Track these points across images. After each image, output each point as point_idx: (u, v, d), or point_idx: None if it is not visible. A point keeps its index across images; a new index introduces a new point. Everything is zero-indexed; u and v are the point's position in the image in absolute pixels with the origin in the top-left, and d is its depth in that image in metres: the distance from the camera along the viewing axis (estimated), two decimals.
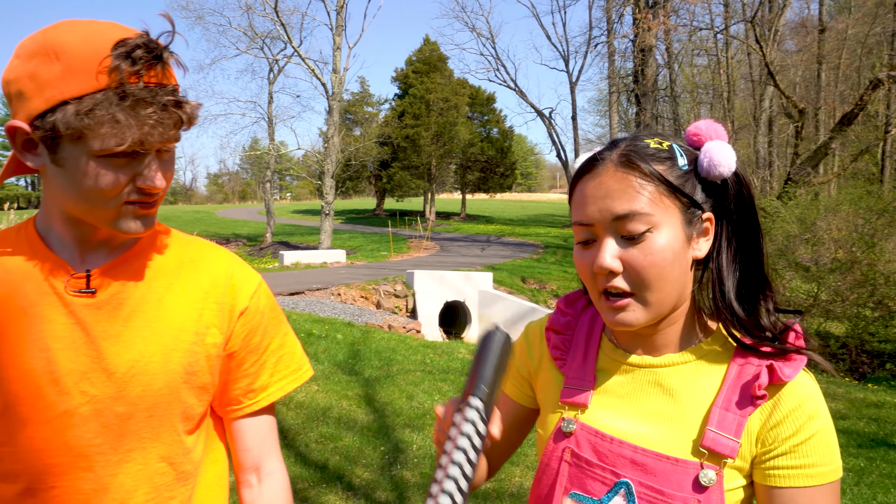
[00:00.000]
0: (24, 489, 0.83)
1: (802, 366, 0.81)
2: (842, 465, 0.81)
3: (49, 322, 0.84)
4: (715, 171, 0.81)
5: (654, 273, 0.80)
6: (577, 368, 0.94)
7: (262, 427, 1.00)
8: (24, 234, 0.88)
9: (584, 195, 0.83)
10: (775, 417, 0.80)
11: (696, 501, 0.79)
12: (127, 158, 0.80)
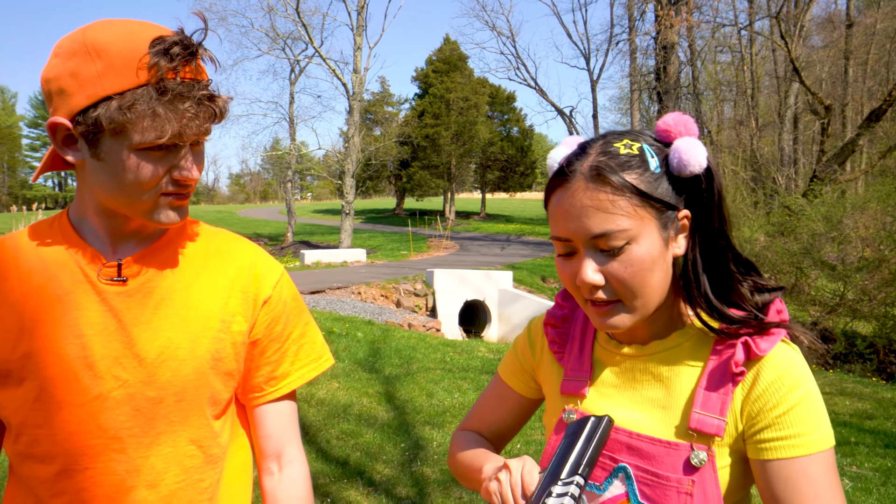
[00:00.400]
0: (60, 470, 0.85)
1: (779, 339, 0.83)
2: (832, 436, 0.81)
3: (83, 309, 0.86)
4: (685, 170, 0.82)
5: (636, 282, 0.82)
6: (575, 360, 0.97)
7: (284, 414, 1.02)
8: (58, 225, 0.91)
9: (559, 211, 0.84)
10: (756, 391, 0.82)
11: (691, 482, 0.81)
12: (164, 151, 0.82)
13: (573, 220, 0.82)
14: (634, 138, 0.85)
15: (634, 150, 0.83)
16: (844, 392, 5.89)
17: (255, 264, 0.99)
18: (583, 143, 0.87)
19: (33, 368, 0.84)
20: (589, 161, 0.82)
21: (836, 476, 0.80)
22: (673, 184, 0.83)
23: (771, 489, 0.80)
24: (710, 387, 0.84)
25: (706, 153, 0.82)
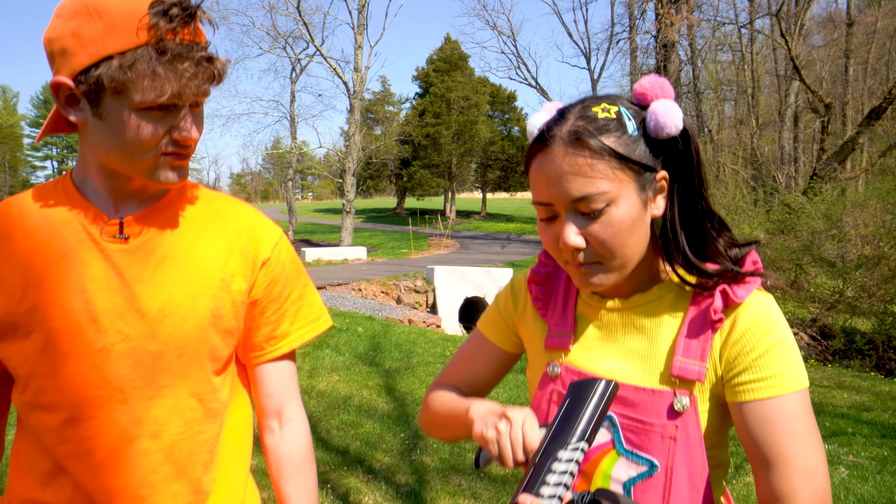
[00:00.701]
0: (66, 419, 0.88)
1: (755, 287, 0.86)
2: (806, 378, 0.83)
3: (87, 266, 0.89)
4: (662, 132, 0.84)
5: (616, 243, 0.84)
6: (559, 316, 0.99)
7: (284, 373, 1.05)
8: (62, 186, 0.94)
9: (540, 176, 0.86)
10: (733, 337, 0.85)
11: (675, 427, 0.85)
12: (163, 112, 0.85)
13: (554, 184, 0.84)
14: (612, 102, 0.86)
15: (612, 114, 0.84)
16: (842, 385, 5.91)
17: (255, 227, 1.01)
18: (562, 109, 0.89)
19: (39, 321, 0.87)
20: (567, 126, 0.84)
21: (810, 415, 0.82)
22: (650, 146, 0.85)
23: (749, 430, 0.83)
24: (690, 335, 0.87)
25: (682, 115, 0.84)
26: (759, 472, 0.83)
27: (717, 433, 0.89)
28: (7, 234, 0.90)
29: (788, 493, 0.79)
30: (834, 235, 10.44)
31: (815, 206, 11.34)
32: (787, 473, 0.80)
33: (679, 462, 0.86)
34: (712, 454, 0.90)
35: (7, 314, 0.87)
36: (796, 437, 0.80)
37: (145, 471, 0.90)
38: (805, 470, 0.79)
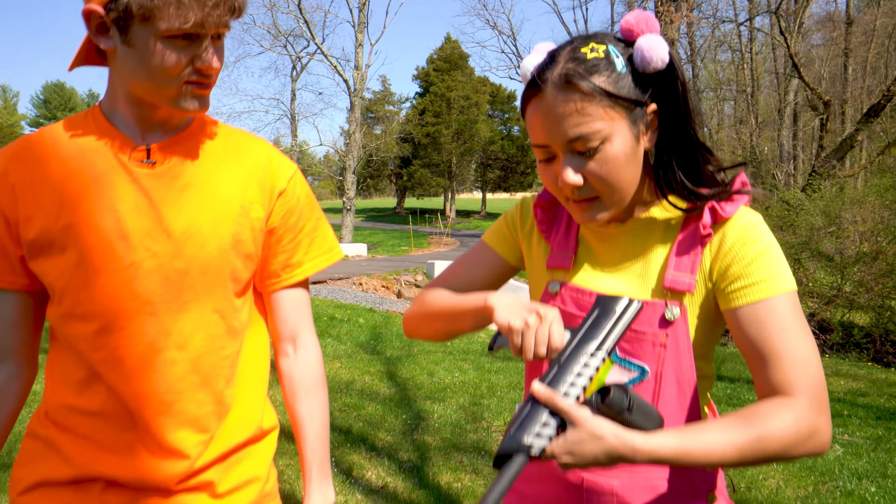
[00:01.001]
0: (100, 328, 0.94)
1: (742, 203, 0.92)
2: (794, 282, 0.88)
3: (117, 188, 0.95)
4: (649, 66, 0.88)
5: (613, 178, 0.89)
6: (561, 238, 1.04)
7: (298, 300, 1.11)
8: (92, 116, 0.99)
9: (536, 120, 0.89)
10: (724, 249, 0.91)
11: (665, 335, 0.91)
12: (187, 41, 0.90)
13: (549, 127, 0.88)
14: (600, 41, 0.90)
15: (600, 53, 0.88)
16: (839, 373, 5.97)
17: (272, 159, 1.07)
18: (552, 51, 0.92)
19: (74, 238, 0.93)
20: (558, 69, 0.87)
21: (800, 314, 0.88)
22: (638, 81, 0.89)
23: (745, 333, 0.88)
24: (680, 252, 0.93)
25: (668, 48, 0.89)
26: (758, 371, 0.88)
27: (704, 345, 0.95)
28: (42, 160, 0.95)
29: (786, 383, 0.84)
30: (832, 232, 10.50)
31: (814, 202, 11.40)
32: (782, 366, 0.85)
33: (668, 368, 0.92)
34: (699, 365, 0.95)
35: (44, 231, 0.93)
36: (788, 332, 0.86)
37: (172, 378, 0.95)
38: (799, 361, 0.85)
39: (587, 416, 0.77)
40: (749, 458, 0.82)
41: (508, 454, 0.76)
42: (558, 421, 0.78)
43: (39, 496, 0.96)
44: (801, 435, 0.83)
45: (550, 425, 0.77)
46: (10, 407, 1.00)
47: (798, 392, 0.84)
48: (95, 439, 0.96)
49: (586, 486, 0.98)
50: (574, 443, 0.77)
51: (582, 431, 0.76)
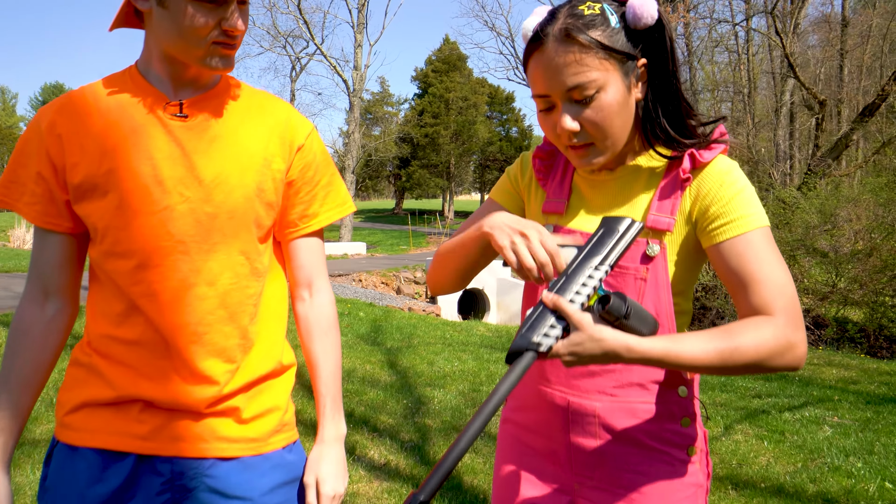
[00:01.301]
0: (138, 264, 1.03)
1: (719, 151, 1.02)
2: (766, 218, 0.99)
3: (153, 138, 1.04)
4: (640, 22, 0.98)
5: (607, 125, 0.99)
6: (556, 186, 1.15)
7: (314, 248, 1.21)
8: (129, 74, 1.09)
9: (538, 72, 0.98)
10: (703, 192, 1.01)
11: (646, 269, 1.01)
12: (215, 5, 1.00)
13: (550, 77, 0.98)
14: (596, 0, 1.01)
15: (596, 10, 0.98)
16: (832, 363, 6.08)
17: (291, 117, 1.17)
18: (552, 10, 1.02)
19: (115, 182, 1.02)
20: (558, 24, 0.97)
21: (774, 245, 0.98)
22: (630, 36, 0.99)
23: (726, 264, 0.98)
24: (662, 196, 1.03)
25: (657, 6, 0.99)
26: (739, 297, 0.98)
27: (682, 282, 1.06)
28: (85, 112, 1.05)
29: (765, 304, 0.95)
30: (828, 230, 10.60)
31: (810, 201, 11.51)
32: (761, 290, 0.95)
33: (648, 300, 1.02)
34: (677, 301, 1.06)
35: (88, 177, 1.03)
36: (765, 261, 0.96)
37: (203, 312, 1.05)
38: (776, 285, 0.95)
39: (589, 321, 0.87)
40: (730, 365, 0.91)
41: (520, 351, 0.87)
42: (564, 324, 0.88)
43: (84, 415, 1.06)
44: (780, 347, 0.92)
45: (557, 328, 0.87)
46: (57, 339, 1.10)
47: (776, 311, 0.94)
48: (134, 366, 1.05)
49: (571, 408, 1.09)
50: (576, 344, 0.87)
51: (584, 334, 0.86)
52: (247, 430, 1.11)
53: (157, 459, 1.06)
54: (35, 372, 1.08)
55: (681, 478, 1.09)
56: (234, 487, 1.09)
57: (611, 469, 1.08)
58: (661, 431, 1.08)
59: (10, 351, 1.08)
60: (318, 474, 1.16)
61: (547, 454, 1.15)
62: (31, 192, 1.05)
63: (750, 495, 2.96)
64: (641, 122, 1.06)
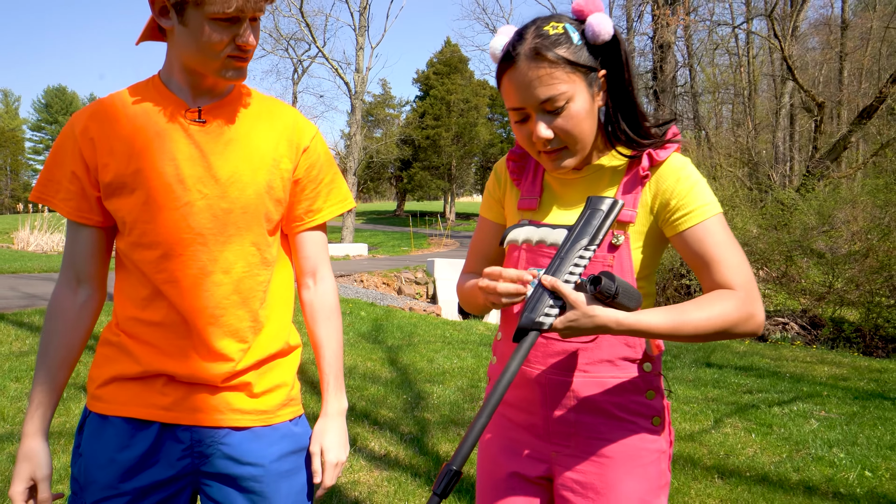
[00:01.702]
0: (162, 254, 1.16)
1: (673, 149, 1.15)
2: (719, 205, 1.13)
3: (174, 141, 1.17)
4: (598, 38, 1.11)
5: (577, 131, 1.12)
6: (529, 185, 1.28)
7: (318, 240, 1.33)
8: (152, 84, 1.22)
9: (511, 86, 1.12)
10: (662, 187, 1.14)
11: (612, 257, 1.15)
12: (229, 23, 1.12)
13: (523, 91, 1.11)
14: (558, 20, 1.13)
15: (560, 30, 1.11)
16: (824, 361, 6.19)
17: (297, 121, 1.30)
18: (519, 30, 1.15)
19: (141, 181, 1.15)
20: (528, 44, 1.10)
21: (729, 230, 1.12)
22: (591, 51, 1.12)
23: (690, 249, 1.12)
24: (625, 191, 1.17)
25: (612, 24, 1.12)
26: (703, 275, 1.12)
27: (646, 267, 1.19)
28: (114, 118, 1.18)
29: (727, 282, 1.09)
30: (826, 231, 10.70)
31: (808, 202, 11.60)
32: (722, 270, 1.10)
33: None
34: (641, 284, 1.19)
35: (118, 176, 1.15)
36: (722, 245, 1.10)
37: (219, 297, 1.18)
38: (735, 265, 1.10)
39: (583, 300, 1.01)
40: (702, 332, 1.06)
41: (525, 330, 1.02)
42: (561, 303, 1.02)
43: (114, 389, 1.19)
44: (742, 316, 1.08)
45: (555, 307, 1.02)
46: (87, 322, 1.22)
47: (737, 286, 1.09)
48: (157, 345, 1.18)
49: (549, 384, 1.21)
50: (572, 320, 1.01)
51: (578, 311, 1.01)
52: (258, 403, 1.24)
53: (178, 428, 1.19)
54: (69, 351, 1.21)
55: (646, 444, 1.21)
56: (247, 454, 1.21)
57: (584, 438, 1.21)
58: (629, 403, 1.21)
59: (46, 333, 1.21)
60: (323, 444, 1.28)
61: (527, 427, 1.27)
62: (66, 189, 1.18)
63: (735, 483, 3.08)
64: (604, 125, 1.20)
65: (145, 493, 1.17)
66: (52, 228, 21.24)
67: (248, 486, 1.21)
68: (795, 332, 10.05)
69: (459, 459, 1.00)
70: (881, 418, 4.10)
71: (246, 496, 1.22)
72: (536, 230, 1.20)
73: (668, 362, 5.95)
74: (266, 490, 1.22)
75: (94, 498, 1.16)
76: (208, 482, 1.22)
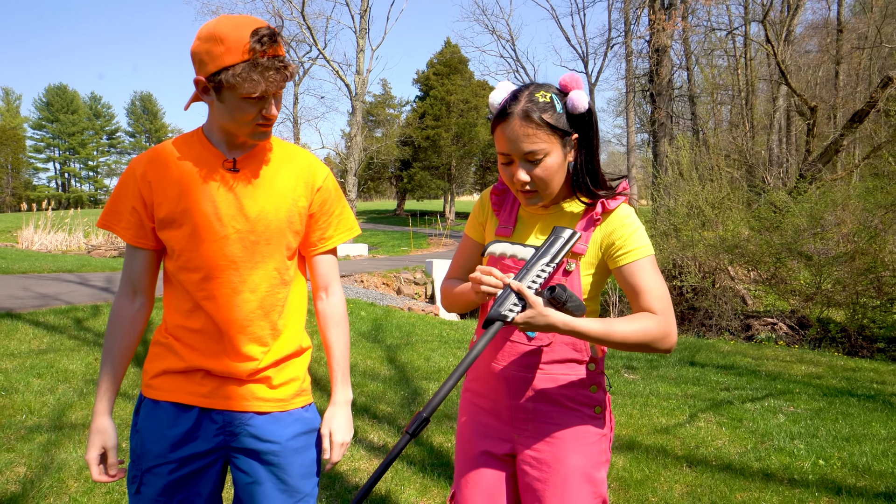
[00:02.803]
0: (203, 277, 1.45)
1: (622, 201, 1.46)
2: (652, 247, 1.44)
3: (215, 186, 1.45)
4: (576, 110, 1.41)
5: (549, 180, 1.43)
6: (506, 215, 1.58)
7: (329, 262, 1.63)
8: (196, 137, 1.50)
9: (502, 136, 1.41)
10: (609, 229, 1.45)
11: (566, 280, 1.44)
12: (257, 100, 1.40)
13: (512, 143, 1.41)
14: (547, 90, 1.42)
15: (548, 99, 1.40)
16: (803, 360, 6.48)
17: (312, 165, 1.58)
18: (514, 92, 1.44)
19: (188, 218, 1.44)
20: (520, 106, 1.40)
21: (656, 268, 1.43)
22: (569, 118, 1.42)
23: (625, 281, 1.43)
24: (582, 229, 1.46)
25: (588, 100, 1.41)
26: (633, 301, 1.43)
27: (592, 290, 1.49)
28: (167, 164, 1.47)
29: (650, 307, 1.40)
30: (817, 234, 10.95)
31: (800, 205, 11.85)
32: (647, 297, 1.40)
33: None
34: (588, 304, 1.48)
35: (169, 213, 1.45)
36: (650, 280, 1.41)
37: (247, 311, 1.47)
38: (658, 295, 1.40)
39: (540, 302, 1.31)
40: (627, 342, 1.36)
41: (492, 320, 1.33)
42: (523, 303, 1.33)
43: (163, 379, 1.49)
44: (660, 334, 1.39)
45: (518, 305, 1.33)
46: (141, 325, 1.53)
47: (658, 311, 1.40)
48: (197, 347, 1.48)
49: (512, 378, 1.52)
50: (530, 317, 1.31)
51: (535, 311, 1.31)
52: (276, 393, 1.54)
53: (214, 412, 1.49)
54: (128, 349, 1.51)
55: (589, 428, 1.52)
56: (267, 434, 1.51)
57: (539, 422, 1.51)
58: (576, 395, 1.51)
59: (110, 333, 1.51)
60: (331, 427, 1.58)
61: (493, 413, 1.58)
62: (126, 220, 1.48)
63: (701, 471, 3.38)
64: (571, 177, 1.49)
65: (188, 461, 1.47)
66: (55, 228, 21.57)
67: (268, 459, 1.51)
68: (784, 333, 10.36)
69: (429, 409, 1.32)
70: (844, 413, 4.39)
71: (266, 468, 1.52)
72: (511, 246, 1.50)
73: (653, 361, 6.25)
74: (283, 462, 1.52)
75: (150, 464, 1.46)
76: (237, 455, 1.52)
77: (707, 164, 14.62)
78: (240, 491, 1.53)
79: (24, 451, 3.39)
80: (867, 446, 3.73)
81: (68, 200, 71.89)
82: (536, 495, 1.49)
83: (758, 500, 3.04)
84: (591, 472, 1.50)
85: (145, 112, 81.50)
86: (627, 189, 1.49)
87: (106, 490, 2.98)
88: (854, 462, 3.49)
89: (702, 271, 12.08)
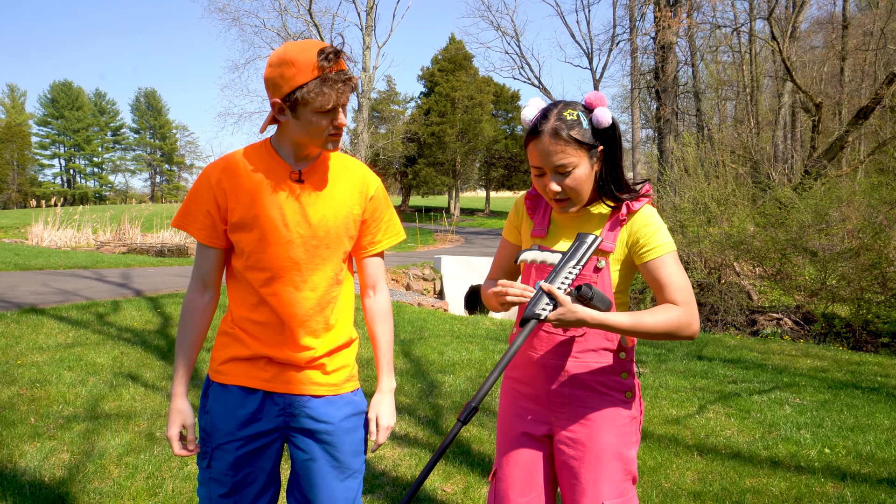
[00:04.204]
0: (269, 277, 1.60)
1: (645, 202, 1.60)
2: (674, 244, 1.58)
3: (282, 195, 1.59)
4: (601, 125, 1.55)
5: (578, 189, 1.58)
6: (540, 218, 1.74)
7: (377, 263, 1.78)
8: (265, 149, 1.63)
9: (535, 152, 1.57)
10: (634, 228, 1.59)
11: (596, 276, 1.59)
12: (328, 112, 1.55)
13: (543, 158, 1.56)
14: (574, 107, 1.57)
15: (575, 116, 1.55)
16: (808, 354, 6.61)
17: (366, 175, 1.73)
18: (544, 110, 1.59)
19: (258, 223, 1.59)
20: (550, 123, 1.55)
21: (679, 263, 1.57)
22: (594, 133, 1.57)
23: (651, 275, 1.57)
24: (609, 230, 1.61)
25: (611, 116, 1.56)
26: (657, 293, 1.57)
27: (621, 284, 1.63)
28: (238, 173, 1.61)
29: (673, 299, 1.54)
30: (822, 230, 11.05)
31: (805, 201, 11.94)
32: (670, 290, 1.55)
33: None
34: (618, 296, 1.63)
35: (241, 218, 1.59)
36: (673, 273, 1.56)
37: (307, 307, 1.62)
38: (680, 287, 1.55)
39: (569, 300, 1.46)
40: (652, 331, 1.50)
41: (528, 319, 1.49)
42: (553, 302, 1.48)
43: (230, 365, 1.64)
44: (683, 324, 1.53)
45: (550, 304, 1.48)
46: (209, 316, 1.68)
47: (680, 303, 1.54)
48: (261, 337, 1.63)
49: (550, 367, 1.66)
50: (560, 313, 1.46)
51: (565, 308, 1.46)
52: (329, 378, 1.69)
53: (275, 395, 1.64)
54: (198, 337, 1.66)
55: (621, 411, 1.66)
56: (322, 415, 1.67)
57: (575, 406, 1.66)
58: (608, 381, 1.66)
59: (183, 323, 1.66)
60: (378, 412, 1.74)
61: (533, 398, 1.72)
62: (200, 221, 1.62)
63: (711, 459, 3.53)
64: (597, 184, 1.63)
65: (253, 439, 1.62)
66: (64, 224, 21.76)
67: (322, 437, 1.67)
68: (789, 328, 10.48)
69: (478, 399, 1.48)
70: (849, 405, 4.54)
71: (321, 446, 1.67)
72: (541, 253, 1.64)
73: (662, 355, 6.39)
74: (335, 441, 1.68)
75: (219, 441, 1.62)
76: (294, 434, 1.67)
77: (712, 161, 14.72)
78: (297, 467, 1.68)
79: (66, 439, 3.56)
80: (871, 436, 3.87)
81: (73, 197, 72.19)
82: (573, 472, 1.64)
83: (766, 485, 3.19)
84: (622, 450, 1.65)
85: (150, 108, 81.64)
86: (650, 191, 1.64)
87: (147, 474, 3.14)
88: (858, 450, 3.63)
89: (707, 267, 12.22)
